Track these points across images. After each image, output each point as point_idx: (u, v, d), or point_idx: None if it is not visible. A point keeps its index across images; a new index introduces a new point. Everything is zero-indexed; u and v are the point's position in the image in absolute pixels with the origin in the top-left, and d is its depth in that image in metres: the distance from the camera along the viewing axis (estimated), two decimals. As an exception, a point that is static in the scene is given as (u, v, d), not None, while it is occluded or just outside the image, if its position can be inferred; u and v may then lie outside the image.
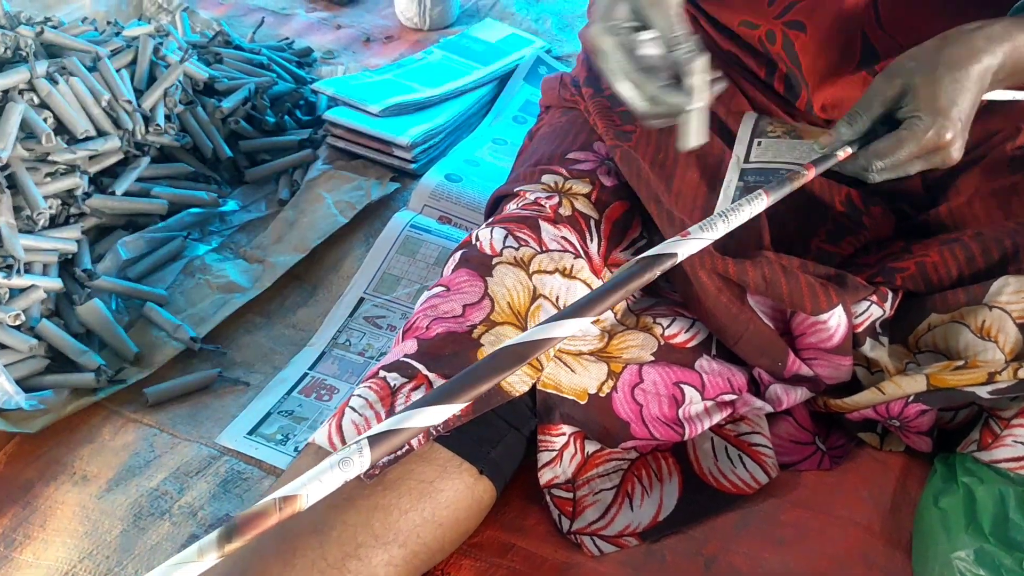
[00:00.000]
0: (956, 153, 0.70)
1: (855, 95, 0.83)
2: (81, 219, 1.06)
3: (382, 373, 0.71)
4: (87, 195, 1.06)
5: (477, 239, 0.79)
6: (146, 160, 1.13)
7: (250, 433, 0.89)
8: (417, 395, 0.68)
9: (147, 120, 1.14)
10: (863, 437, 0.82)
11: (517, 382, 0.71)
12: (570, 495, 0.77)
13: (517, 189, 0.84)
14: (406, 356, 0.71)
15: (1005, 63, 0.69)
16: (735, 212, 0.64)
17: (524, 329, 0.72)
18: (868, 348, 0.78)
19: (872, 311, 0.77)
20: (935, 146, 0.69)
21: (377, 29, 1.66)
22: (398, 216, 1.11)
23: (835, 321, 0.75)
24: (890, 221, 0.89)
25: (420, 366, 0.70)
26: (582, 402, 0.75)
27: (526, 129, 1.27)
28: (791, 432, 0.83)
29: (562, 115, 0.95)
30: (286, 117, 1.30)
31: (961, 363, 0.74)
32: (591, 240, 0.80)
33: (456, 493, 0.70)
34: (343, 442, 0.67)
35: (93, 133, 1.07)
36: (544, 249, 0.77)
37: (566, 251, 0.77)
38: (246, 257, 1.11)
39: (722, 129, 0.87)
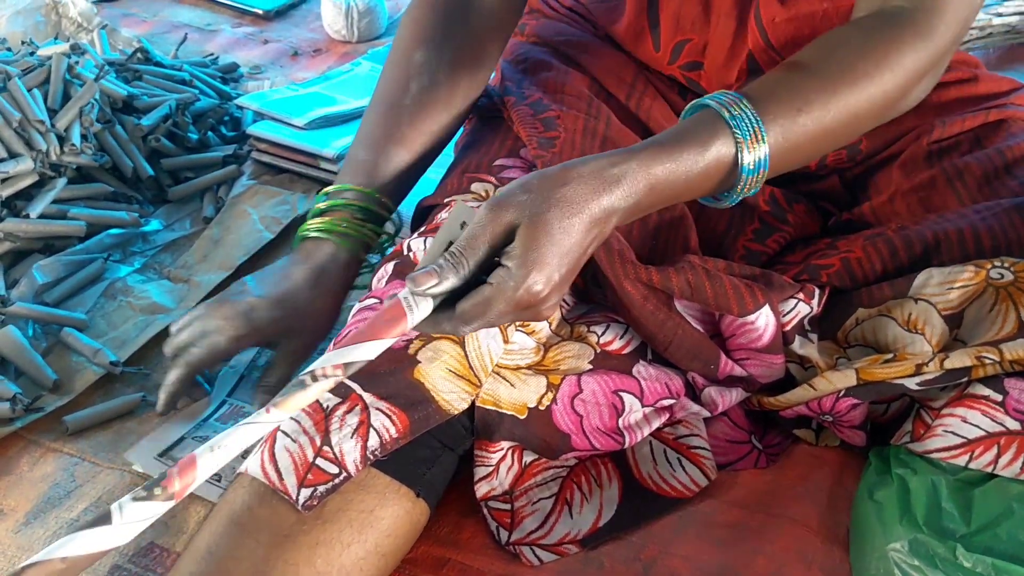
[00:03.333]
0: (547, 311, 0.60)
1: None
2: (-6, 244, 1.02)
3: None
4: (-1, 219, 1.02)
5: (409, 249, 0.78)
6: (62, 181, 1.10)
7: (160, 455, 0.85)
8: (352, 417, 0.66)
9: (62, 140, 1.10)
10: (798, 434, 0.82)
11: (456, 400, 0.69)
12: (507, 506, 0.76)
13: (447, 199, 0.83)
14: None
15: (640, 202, 0.61)
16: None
17: (461, 344, 0.70)
18: (798, 346, 0.78)
19: (799, 308, 0.78)
20: (526, 303, 0.58)
21: (305, 43, 1.64)
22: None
23: (763, 321, 0.75)
24: (814, 219, 0.89)
25: (355, 386, 0.67)
26: (522, 417, 0.73)
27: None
28: (727, 432, 0.82)
29: (483, 124, 0.94)
30: (210, 133, 1.28)
31: (890, 356, 0.74)
32: None
33: (397, 520, 0.68)
34: (276, 471, 0.65)
35: (4, 155, 1.04)
36: None
37: None
38: (170, 277, 1.08)
39: (637, 125, 0.87)
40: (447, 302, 0.59)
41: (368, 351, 0.57)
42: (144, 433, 0.89)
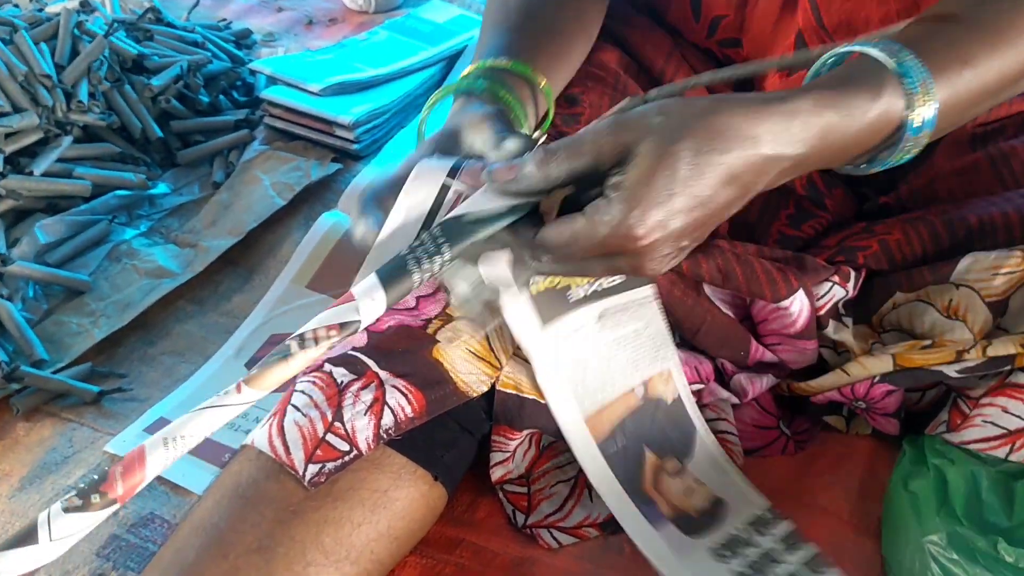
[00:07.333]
0: (651, 264, 0.50)
1: None
2: (-5, 201, 0.99)
3: (328, 367, 0.64)
4: (2, 175, 0.99)
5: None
6: (68, 139, 1.06)
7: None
8: (367, 394, 0.63)
9: (69, 97, 1.07)
10: (829, 421, 0.79)
11: (475, 382, 0.66)
12: (524, 489, 0.73)
13: None
14: (355, 349, 0.65)
15: (810, 154, 0.51)
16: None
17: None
18: (832, 330, 0.75)
19: (834, 292, 0.74)
20: (619, 247, 0.48)
21: (320, 12, 1.60)
22: (324, 217, 1.05)
23: (797, 306, 0.72)
24: (851, 203, 0.86)
25: (370, 362, 0.64)
26: (543, 401, 0.70)
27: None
28: (754, 416, 0.79)
29: None
30: (222, 97, 1.24)
31: (928, 343, 0.71)
32: None
33: (412, 503, 0.64)
34: (284, 444, 0.61)
35: (8, 109, 1.00)
36: None
37: None
38: (177, 242, 1.04)
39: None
40: (526, 226, 0.50)
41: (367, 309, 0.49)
42: (146, 400, 0.86)
